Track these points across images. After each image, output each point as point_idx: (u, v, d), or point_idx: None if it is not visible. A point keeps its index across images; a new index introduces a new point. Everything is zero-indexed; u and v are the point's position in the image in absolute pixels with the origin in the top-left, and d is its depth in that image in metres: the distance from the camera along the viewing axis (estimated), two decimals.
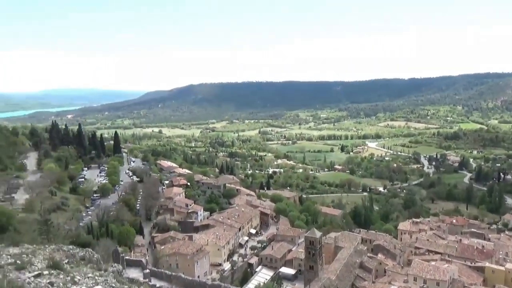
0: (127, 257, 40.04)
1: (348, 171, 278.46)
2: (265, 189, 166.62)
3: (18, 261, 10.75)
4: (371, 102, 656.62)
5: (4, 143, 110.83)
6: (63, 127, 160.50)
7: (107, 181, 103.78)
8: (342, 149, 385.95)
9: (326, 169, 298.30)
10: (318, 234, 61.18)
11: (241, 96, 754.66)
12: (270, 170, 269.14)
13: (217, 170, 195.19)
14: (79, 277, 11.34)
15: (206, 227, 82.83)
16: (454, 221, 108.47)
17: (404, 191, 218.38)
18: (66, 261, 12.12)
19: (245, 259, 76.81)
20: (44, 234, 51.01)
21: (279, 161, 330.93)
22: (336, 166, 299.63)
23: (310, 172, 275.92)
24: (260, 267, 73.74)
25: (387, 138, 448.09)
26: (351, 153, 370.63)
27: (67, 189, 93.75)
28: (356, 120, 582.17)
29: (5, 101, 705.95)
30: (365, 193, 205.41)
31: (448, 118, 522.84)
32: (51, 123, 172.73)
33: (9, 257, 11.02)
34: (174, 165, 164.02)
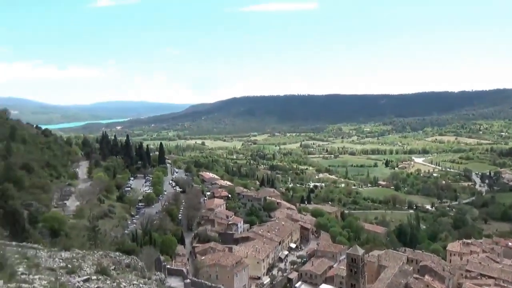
0: (168, 266, 40.89)
1: (393, 187, 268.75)
2: (306, 203, 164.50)
3: (69, 265, 11.29)
4: (418, 116, 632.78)
5: (59, 153, 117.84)
6: (113, 138, 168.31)
7: (151, 191, 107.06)
8: (387, 164, 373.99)
9: (369, 185, 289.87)
10: (360, 251, 59.34)
11: (283, 109, 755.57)
12: (311, 184, 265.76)
13: (257, 182, 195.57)
14: (124, 284, 11.71)
15: (246, 239, 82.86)
16: (509, 243, 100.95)
17: (454, 210, 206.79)
18: (112, 267, 12.56)
19: (285, 274, 75.81)
20: (92, 240, 53.25)
21: (321, 175, 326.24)
22: (380, 182, 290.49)
23: (353, 187, 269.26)
24: (299, 282, 72.47)
25: (435, 154, 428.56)
26: (396, 168, 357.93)
27: (114, 197, 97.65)
28: (401, 134, 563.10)
29: (61, 113, 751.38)
30: (411, 211, 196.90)
31: (503, 134, 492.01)
32: (101, 134, 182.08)
33: (61, 260, 11.61)
34: (216, 176, 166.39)
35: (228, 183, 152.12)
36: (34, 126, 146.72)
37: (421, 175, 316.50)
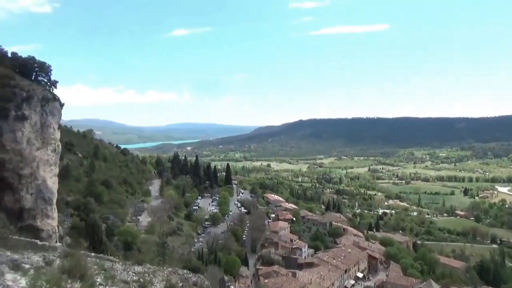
0: (232, 287, 40.96)
1: (473, 218, 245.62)
2: (374, 230, 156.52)
3: (141, 279, 11.74)
4: (502, 141, 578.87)
5: (135, 171, 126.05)
6: (183, 158, 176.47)
7: (217, 211, 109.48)
8: (465, 192, 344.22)
9: (445, 214, 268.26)
10: (436, 286, 54.58)
11: (350, 132, 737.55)
12: (380, 211, 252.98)
13: (323, 206, 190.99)
14: None
15: (310, 265, 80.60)
16: None
17: None
18: (180, 284, 12.82)
19: None
20: (161, 256, 55.34)
21: (390, 201, 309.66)
22: (458, 212, 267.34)
23: (426, 216, 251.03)
24: None
25: None
26: (476, 197, 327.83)
27: (182, 215, 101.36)
28: (482, 160, 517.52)
29: (138, 133, 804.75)
30: (494, 245, 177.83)
31: None
32: (173, 154, 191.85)
33: (134, 274, 12.12)
34: (281, 199, 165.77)
35: (293, 206, 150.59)
36: (115, 145, 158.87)
37: (506, 206, 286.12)
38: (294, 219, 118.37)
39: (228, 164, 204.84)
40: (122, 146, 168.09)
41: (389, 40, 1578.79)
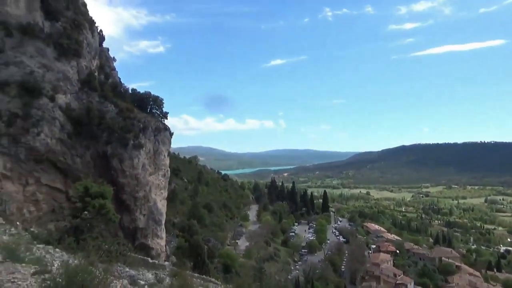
0: None
1: None
2: (495, 270, 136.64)
3: None
4: None
5: (234, 195, 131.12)
6: (280, 184, 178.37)
7: (314, 238, 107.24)
8: None
9: None
10: None
11: (461, 158, 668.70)
12: (502, 248, 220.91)
13: (431, 239, 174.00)
14: None
15: None
16: None
17: None
18: None
19: None
20: (258, 281, 55.76)
21: None
22: None
23: None
24: None
25: None
26: None
27: (279, 241, 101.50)
28: None
29: (238, 160, 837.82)
30: None
31: None
32: (270, 180, 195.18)
33: None
34: (382, 229, 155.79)
35: (396, 237, 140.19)
36: (216, 171, 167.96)
37: None
38: (397, 251, 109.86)
39: (325, 191, 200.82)
40: (223, 172, 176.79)
41: (503, 56, 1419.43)
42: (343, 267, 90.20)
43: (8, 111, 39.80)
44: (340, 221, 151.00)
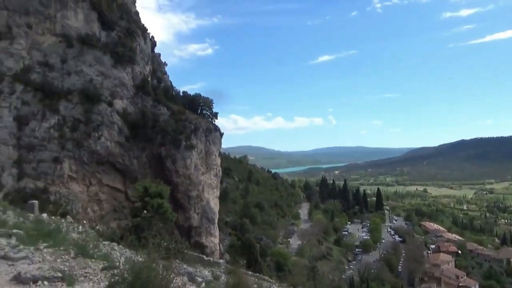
0: None
1: None
2: None
3: None
4: None
5: (284, 194, 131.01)
6: (331, 182, 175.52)
7: (368, 237, 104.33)
8: None
9: None
10: None
11: None
12: None
13: (497, 240, 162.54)
14: None
15: None
16: None
17: None
18: None
19: None
20: (311, 280, 55.33)
21: None
22: None
23: None
24: None
25: None
26: None
27: (332, 240, 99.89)
28: None
29: (287, 158, 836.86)
30: None
31: None
32: (321, 178, 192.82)
33: None
34: (441, 228, 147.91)
35: (457, 237, 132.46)
36: (266, 170, 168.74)
37: None
38: (459, 252, 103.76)
39: (378, 188, 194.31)
40: (273, 171, 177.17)
41: None
42: (400, 267, 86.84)
43: (72, 117, 42.75)
44: (396, 220, 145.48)
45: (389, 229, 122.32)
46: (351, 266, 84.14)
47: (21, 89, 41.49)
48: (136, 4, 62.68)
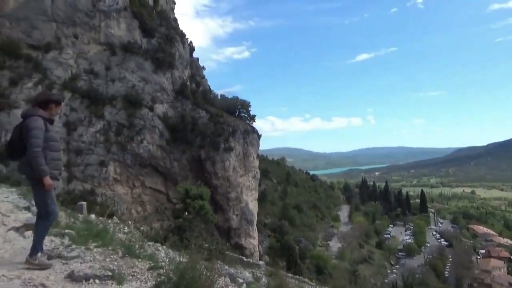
0: None
1: None
2: None
3: None
4: None
5: (323, 196, 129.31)
6: (371, 183, 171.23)
7: (412, 241, 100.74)
8: None
9: None
10: None
11: None
12: None
13: None
14: None
15: None
16: None
17: None
18: None
19: None
20: (353, 284, 54.24)
21: None
22: None
23: None
24: None
25: None
26: None
27: (373, 243, 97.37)
28: None
29: (325, 159, 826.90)
30: None
31: None
32: (361, 180, 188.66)
33: None
34: (492, 232, 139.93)
35: (510, 241, 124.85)
36: (304, 171, 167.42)
37: None
38: None
39: (422, 190, 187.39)
40: (311, 172, 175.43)
41: None
42: (446, 272, 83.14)
43: (116, 122, 44.61)
44: (441, 223, 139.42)
45: (434, 233, 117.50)
46: (394, 270, 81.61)
47: (69, 96, 43.84)
48: (174, 11, 64.50)
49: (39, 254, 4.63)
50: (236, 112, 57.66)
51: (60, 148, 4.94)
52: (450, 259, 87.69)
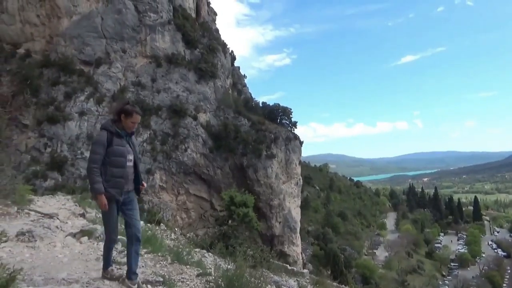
0: None
1: None
2: None
3: None
4: None
5: (368, 203, 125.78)
6: (419, 190, 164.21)
7: (466, 251, 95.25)
8: None
9: None
10: None
11: None
12: None
13: None
14: None
15: None
16: None
17: None
18: None
19: None
20: None
21: None
22: None
23: None
24: None
25: None
26: None
27: (423, 252, 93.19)
28: None
29: (370, 165, 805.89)
30: None
31: None
32: (408, 186, 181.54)
33: None
34: None
35: None
36: (348, 178, 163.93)
37: None
38: None
39: (475, 196, 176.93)
40: (355, 179, 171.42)
41: None
42: (505, 285, 77.69)
43: (161, 132, 46.19)
44: (498, 232, 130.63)
45: (490, 242, 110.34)
46: (445, 281, 77.47)
47: None
48: (216, 22, 66.04)
49: (111, 268, 4.58)
50: (278, 119, 57.72)
51: (126, 165, 4.40)
52: (509, 271, 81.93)
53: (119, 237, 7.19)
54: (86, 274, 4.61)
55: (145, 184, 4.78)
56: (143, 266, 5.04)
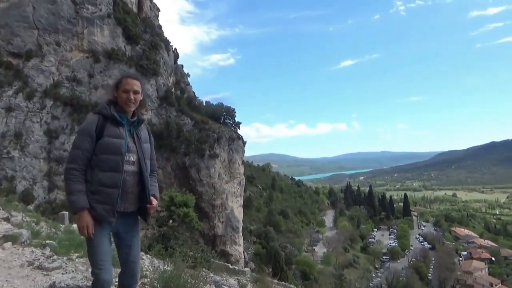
0: None
1: None
2: None
3: None
4: None
5: (309, 201, 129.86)
6: (356, 188, 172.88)
7: (396, 244, 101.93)
8: None
9: None
10: None
11: None
12: None
13: None
14: None
15: None
16: None
17: None
18: None
19: None
20: None
21: None
22: None
23: None
24: None
25: None
26: None
27: (358, 247, 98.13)
28: None
29: (310, 165, 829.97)
30: None
31: None
32: (345, 185, 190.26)
33: None
34: (473, 234, 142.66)
35: (490, 243, 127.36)
36: (290, 177, 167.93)
37: None
38: (493, 259, 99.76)
39: (405, 194, 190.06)
40: (296, 178, 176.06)
41: None
42: (430, 275, 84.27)
43: None
44: (424, 226, 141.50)
45: (417, 235, 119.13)
46: (378, 274, 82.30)
47: (51, 104, 43.11)
48: (159, 18, 64.30)
49: None
50: (221, 119, 57.62)
51: (121, 167, 2.82)
52: (433, 262, 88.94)
53: (48, 241, 6.76)
54: (9, 283, 4.31)
55: (154, 202, 3.09)
56: (73, 271, 4.80)
